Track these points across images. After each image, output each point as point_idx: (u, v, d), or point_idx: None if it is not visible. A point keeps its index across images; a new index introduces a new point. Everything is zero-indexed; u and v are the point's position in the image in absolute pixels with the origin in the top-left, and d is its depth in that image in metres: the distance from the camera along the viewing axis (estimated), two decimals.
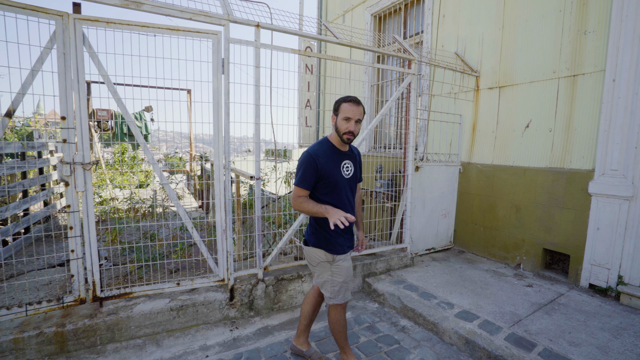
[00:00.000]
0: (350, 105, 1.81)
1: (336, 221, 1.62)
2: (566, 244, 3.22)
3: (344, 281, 1.92)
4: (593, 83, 3.03)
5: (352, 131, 1.82)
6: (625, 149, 2.81)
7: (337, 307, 1.95)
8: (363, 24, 5.86)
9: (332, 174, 1.85)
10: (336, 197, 1.90)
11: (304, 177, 1.82)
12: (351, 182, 1.97)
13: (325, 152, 1.86)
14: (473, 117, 4.03)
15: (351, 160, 1.97)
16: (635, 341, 2.24)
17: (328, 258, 1.90)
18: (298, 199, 1.83)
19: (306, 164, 1.82)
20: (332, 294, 1.92)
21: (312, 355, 2.15)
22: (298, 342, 2.20)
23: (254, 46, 2.56)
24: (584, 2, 3.08)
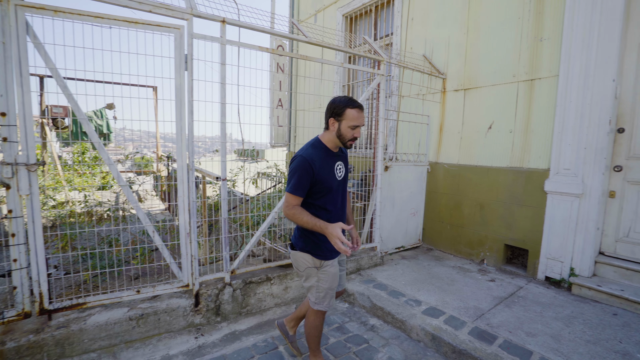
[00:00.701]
0: (357, 111, 1.73)
1: (338, 246, 1.54)
2: (525, 239, 3.38)
3: (329, 287, 1.86)
4: (548, 87, 3.20)
5: (357, 138, 1.78)
6: (576, 149, 2.99)
7: (319, 312, 1.91)
8: (334, 24, 5.87)
9: (327, 178, 1.78)
10: (330, 202, 1.83)
11: (300, 184, 1.70)
12: (343, 183, 1.93)
13: (320, 156, 1.77)
14: (440, 118, 4.14)
15: (342, 161, 1.93)
16: (583, 328, 2.38)
17: (315, 263, 1.83)
18: (292, 209, 1.70)
19: (302, 170, 1.69)
20: (317, 300, 1.87)
21: (293, 341, 2.23)
22: (289, 324, 2.25)
23: (220, 42, 2.48)
24: (540, 11, 3.24)
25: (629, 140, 2.95)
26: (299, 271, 1.92)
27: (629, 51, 2.90)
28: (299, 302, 3.03)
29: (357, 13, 5.52)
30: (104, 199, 4.47)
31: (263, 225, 2.84)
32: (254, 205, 4.24)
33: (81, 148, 7.55)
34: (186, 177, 2.43)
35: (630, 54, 2.90)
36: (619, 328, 2.40)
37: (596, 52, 2.87)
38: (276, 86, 6.99)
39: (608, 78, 2.83)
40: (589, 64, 2.91)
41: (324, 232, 1.62)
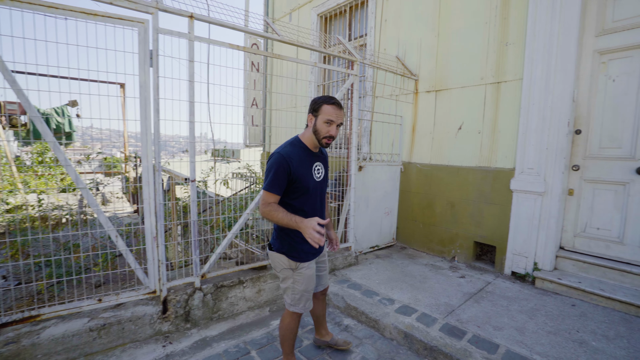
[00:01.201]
0: (333, 107, 1.71)
1: (312, 240, 1.53)
2: (493, 236, 3.51)
3: (304, 290, 1.85)
4: (513, 90, 3.34)
5: (333, 135, 1.73)
6: (539, 150, 3.14)
7: (294, 315, 1.90)
8: (309, 24, 5.85)
9: (304, 177, 1.74)
10: (307, 202, 1.80)
11: (276, 182, 1.67)
12: (322, 184, 1.89)
13: (298, 154, 1.74)
14: (413, 118, 4.22)
15: (322, 162, 1.89)
16: (545, 320, 2.50)
17: (291, 265, 1.82)
18: (268, 206, 1.68)
19: (278, 167, 1.67)
20: (293, 302, 1.86)
21: (337, 342, 2.26)
22: (320, 334, 2.28)
23: (187, 38, 2.38)
24: (505, 17, 3.37)
25: (585, 141, 3.13)
26: (276, 272, 1.90)
27: (585, 58, 3.07)
28: (273, 305, 2.98)
29: (331, 13, 5.52)
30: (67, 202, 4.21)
31: (235, 227, 2.77)
32: (227, 207, 4.14)
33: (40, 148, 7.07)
34: (152, 179, 2.32)
35: (585, 60, 3.07)
36: (577, 318, 2.54)
37: (556, 58, 3.02)
38: (250, 85, 6.87)
39: (567, 82, 2.98)
40: (549, 69, 3.05)
41: (298, 227, 1.59)
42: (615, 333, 2.34)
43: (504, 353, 2.10)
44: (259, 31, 2.76)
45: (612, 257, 3.00)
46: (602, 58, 3.01)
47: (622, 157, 2.93)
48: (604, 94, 3.01)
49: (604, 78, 3.00)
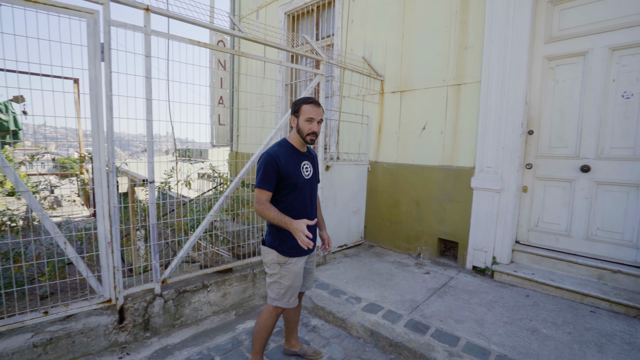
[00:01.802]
0: (311, 106, 1.83)
1: (301, 242, 1.63)
2: (455, 232, 3.65)
3: (291, 285, 1.89)
4: (472, 92, 3.48)
5: (315, 132, 1.84)
6: (496, 149, 3.30)
7: (274, 311, 1.92)
8: (277, 22, 5.78)
9: (293, 174, 1.84)
10: (297, 198, 1.88)
11: (266, 179, 1.78)
12: (311, 182, 1.97)
13: (285, 153, 1.85)
14: (379, 118, 4.29)
15: (310, 161, 1.98)
16: (502, 311, 2.63)
17: (279, 260, 1.88)
18: (261, 204, 1.78)
19: (267, 164, 1.78)
20: (277, 296, 1.90)
21: (306, 352, 2.21)
22: (289, 344, 2.23)
23: (143, 32, 2.26)
24: (464, 21, 3.52)
25: (537, 141, 3.33)
26: (266, 266, 1.95)
27: (535, 63, 3.27)
28: (239, 308, 2.90)
29: (299, 12, 5.49)
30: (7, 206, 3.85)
31: (198, 229, 2.67)
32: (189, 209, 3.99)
33: None
34: (105, 180, 2.17)
35: (536, 65, 3.27)
36: (530, 308, 2.69)
37: (510, 62, 3.19)
38: (217, 83, 6.68)
39: (519, 85, 3.15)
40: (504, 72, 3.22)
41: (288, 228, 1.70)
42: (563, 320, 2.51)
43: (464, 345, 2.19)
44: (221, 27, 2.68)
45: (561, 249, 3.22)
46: (551, 63, 3.22)
47: (569, 156, 3.15)
48: (553, 97, 3.22)
49: (552, 82, 3.21)
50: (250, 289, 3.03)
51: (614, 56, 2.88)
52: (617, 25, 2.84)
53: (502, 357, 2.07)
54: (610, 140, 2.94)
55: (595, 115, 2.98)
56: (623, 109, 2.86)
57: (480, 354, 2.09)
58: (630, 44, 2.79)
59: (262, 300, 3.08)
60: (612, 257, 2.95)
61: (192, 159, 9.66)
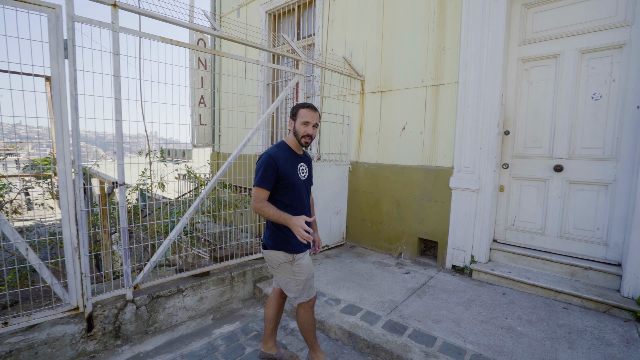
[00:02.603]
0: (307, 110, 1.92)
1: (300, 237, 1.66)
2: (435, 232, 3.68)
3: (306, 279, 1.95)
4: (451, 92, 3.52)
5: (310, 134, 1.92)
6: (474, 149, 3.34)
7: (305, 305, 1.98)
8: (257, 21, 5.71)
9: (290, 175, 1.91)
10: (294, 198, 1.95)
11: (265, 178, 1.85)
12: (307, 184, 2.06)
13: (284, 155, 1.93)
14: (360, 118, 4.29)
15: (306, 164, 2.08)
16: (479, 310, 2.66)
17: (288, 258, 1.93)
18: (260, 202, 1.83)
19: (266, 165, 1.85)
20: (297, 293, 1.95)
21: (283, 356, 2.18)
22: (266, 347, 2.20)
23: (110, 29, 2.17)
24: (442, 22, 3.55)
25: (512, 141, 3.39)
26: (272, 269, 2.00)
27: (511, 64, 3.33)
28: (216, 312, 2.84)
29: (280, 11, 5.44)
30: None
31: (172, 232, 2.60)
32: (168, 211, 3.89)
33: None
34: (70, 183, 2.08)
35: (511, 67, 3.33)
36: (506, 306, 2.73)
37: (486, 63, 3.24)
38: (197, 83, 6.56)
39: (495, 86, 3.20)
40: (481, 73, 3.26)
41: (287, 224, 1.74)
42: (537, 317, 2.56)
43: (440, 345, 2.19)
44: (194, 24, 2.60)
45: (536, 247, 3.29)
46: (525, 65, 3.28)
47: (543, 156, 3.22)
48: (527, 98, 3.29)
49: (527, 84, 3.28)
50: (228, 293, 2.97)
51: (584, 59, 2.96)
52: (586, 29, 2.92)
53: (477, 356, 2.09)
54: (581, 140, 3.02)
55: (567, 116, 3.06)
56: (593, 110, 2.94)
57: (456, 354, 2.10)
58: (598, 48, 2.87)
59: (240, 303, 3.03)
60: (584, 255, 3.03)
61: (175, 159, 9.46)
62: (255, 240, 4.07)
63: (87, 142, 6.90)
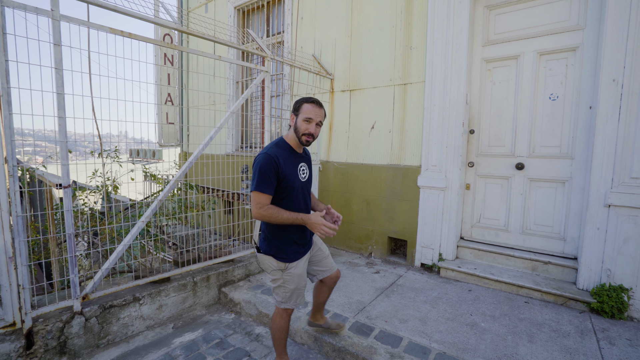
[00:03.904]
0: (312, 106, 1.74)
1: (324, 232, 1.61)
2: (404, 231, 3.69)
3: (296, 288, 1.88)
4: (418, 91, 3.54)
5: (312, 133, 1.75)
6: (440, 148, 3.38)
7: (283, 313, 1.91)
8: (226, 17, 5.54)
9: (290, 177, 1.74)
10: (293, 202, 1.78)
11: (266, 181, 1.65)
12: (307, 184, 1.90)
13: (283, 154, 1.75)
14: (330, 117, 4.25)
15: (306, 163, 1.92)
16: (445, 307, 2.68)
17: (280, 266, 1.83)
18: (267, 209, 1.65)
19: (267, 166, 1.66)
20: (284, 299, 1.89)
21: (331, 325, 2.26)
22: (314, 318, 2.27)
23: (49, 17, 1.99)
24: (409, 22, 3.57)
25: (477, 140, 3.46)
26: (266, 271, 1.91)
27: (475, 64, 3.39)
28: (178, 320, 2.69)
29: (249, 7, 5.31)
30: None
31: (127, 237, 2.43)
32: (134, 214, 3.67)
33: None
34: (3, 185, 1.88)
35: (475, 67, 3.39)
36: (471, 302, 2.77)
37: (451, 63, 3.28)
38: (164, 80, 6.28)
39: (460, 86, 3.25)
40: (446, 73, 3.30)
41: (305, 223, 1.65)
42: (500, 312, 2.60)
43: (406, 345, 2.18)
44: (143, 14, 2.44)
45: (500, 243, 3.37)
46: (488, 66, 3.35)
47: (505, 154, 3.31)
48: (491, 98, 3.36)
49: (490, 84, 3.35)
50: (191, 299, 2.82)
51: (542, 60, 3.06)
52: (543, 31, 3.02)
53: (441, 354, 2.08)
54: (540, 139, 3.12)
55: (527, 115, 3.15)
56: (550, 110, 3.04)
57: (421, 354, 2.09)
58: (555, 50, 2.97)
59: (204, 309, 2.89)
60: (544, 249, 3.14)
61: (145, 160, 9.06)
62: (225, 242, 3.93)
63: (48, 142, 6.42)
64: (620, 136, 2.50)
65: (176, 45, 2.64)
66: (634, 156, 2.46)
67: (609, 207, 2.56)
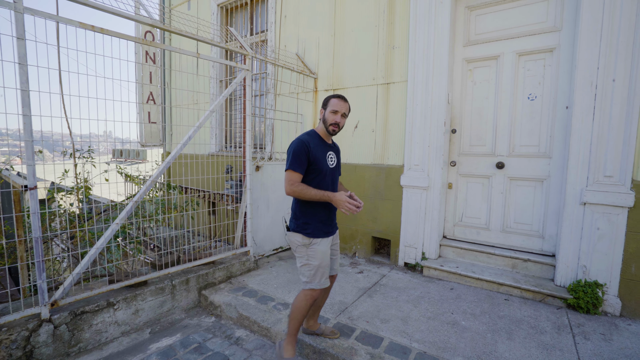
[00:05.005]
0: (338, 100, 1.97)
1: (348, 208, 1.76)
2: (388, 230, 3.69)
3: (319, 265, 1.97)
4: (400, 91, 3.54)
5: (337, 123, 1.97)
6: (422, 147, 3.39)
7: (308, 294, 1.99)
8: (209, 15, 5.45)
9: (320, 160, 1.95)
10: (322, 184, 1.97)
11: (298, 161, 1.87)
12: (335, 172, 2.09)
13: (314, 141, 1.97)
14: (313, 117, 4.22)
15: (334, 152, 2.10)
16: (427, 306, 2.68)
17: (305, 241, 1.97)
18: (297, 185, 1.87)
19: (299, 149, 1.88)
20: (309, 278, 1.98)
21: (324, 331, 2.26)
22: (308, 324, 2.27)
23: (12, 9, 1.89)
24: (392, 21, 3.57)
25: (459, 140, 3.49)
26: (294, 251, 2.04)
27: (456, 65, 3.42)
28: (155, 325, 2.61)
29: (232, 4, 5.23)
30: None
31: (99, 241, 2.34)
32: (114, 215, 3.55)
33: None
34: None
35: (457, 67, 3.42)
36: (453, 301, 2.78)
37: (433, 63, 3.29)
38: (146, 78, 6.13)
39: (442, 86, 3.27)
40: (428, 72, 3.32)
41: (331, 200, 1.82)
42: (481, 310, 2.62)
43: (386, 346, 2.16)
44: (114, 8, 2.35)
45: (482, 242, 3.40)
46: (469, 66, 3.38)
47: (486, 153, 3.34)
48: (472, 98, 3.39)
49: (471, 84, 3.38)
50: (169, 302, 2.75)
51: (521, 61, 3.10)
52: (522, 32, 3.06)
53: (421, 354, 2.08)
54: (519, 138, 3.16)
55: (507, 115, 3.19)
56: (529, 109, 3.09)
57: (401, 354, 2.08)
58: (533, 51, 3.02)
59: (184, 313, 2.82)
60: (524, 247, 3.18)
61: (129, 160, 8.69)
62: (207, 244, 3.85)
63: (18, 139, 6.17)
64: (595, 136, 2.55)
65: (151, 41, 2.57)
66: (608, 155, 2.51)
67: (584, 205, 2.62)
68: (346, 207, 1.77)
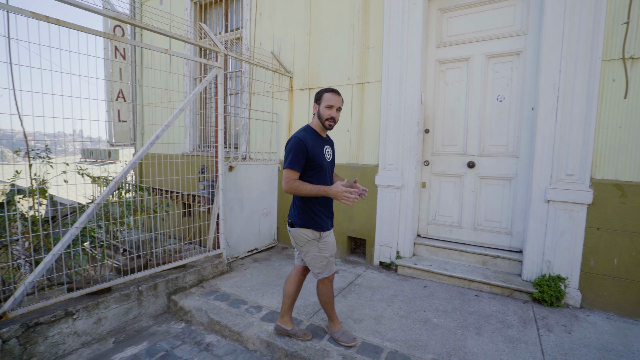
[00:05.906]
0: (331, 94, 1.99)
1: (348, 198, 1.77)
2: (363, 230, 3.70)
3: (330, 255, 2.10)
4: (375, 91, 3.56)
5: (333, 117, 2.00)
6: (396, 147, 3.42)
7: (325, 280, 2.11)
8: (182, 11, 5.29)
9: (318, 156, 1.98)
10: (321, 179, 2.01)
11: (296, 160, 1.90)
12: (331, 165, 2.14)
13: (311, 137, 1.99)
14: (289, 116, 4.17)
15: (330, 146, 2.16)
16: (401, 305, 2.70)
17: (315, 236, 2.04)
18: (293, 182, 1.90)
19: (297, 147, 1.91)
20: (321, 269, 2.07)
21: (297, 332, 2.23)
22: (282, 321, 2.26)
23: None
24: (366, 21, 3.58)
25: (432, 139, 3.54)
26: (299, 246, 2.10)
27: (429, 65, 3.47)
28: (120, 334, 2.49)
29: (207, 1, 5.09)
30: None
31: (57, 246, 2.20)
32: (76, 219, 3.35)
33: None
34: None
35: (430, 67, 3.47)
36: (426, 298, 2.82)
37: (407, 63, 3.32)
38: (115, 74, 5.87)
39: (415, 86, 3.30)
40: (402, 73, 3.34)
41: (328, 194, 1.84)
42: (452, 307, 2.67)
43: (359, 346, 2.15)
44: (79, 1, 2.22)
45: (454, 239, 3.47)
46: (442, 67, 3.44)
47: (458, 153, 3.41)
48: (444, 98, 3.45)
49: (444, 84, 3.44)
50: (136, 309, 2.63)
51: (490, 63, 3.18)
52: (491, 35, 3.14)
53: (393, 353, 2.08)
54: (489, 138, 3.24)
55: (477, 116, 3.27)
56: (498, 110, 3.18)
57: (373, 353, 2.07)
58: (501, 53, 3.10)
59: (151, 320, 2.70)
60: (494, 244, 3.27)
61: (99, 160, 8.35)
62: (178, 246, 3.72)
63: None
64: (557, 136, 2.65)
65: (114, 35, 2.44)
66: (569, 155, 2.62)
67: (548, 202, 2.71)
68: (344, 197, 1.78)
